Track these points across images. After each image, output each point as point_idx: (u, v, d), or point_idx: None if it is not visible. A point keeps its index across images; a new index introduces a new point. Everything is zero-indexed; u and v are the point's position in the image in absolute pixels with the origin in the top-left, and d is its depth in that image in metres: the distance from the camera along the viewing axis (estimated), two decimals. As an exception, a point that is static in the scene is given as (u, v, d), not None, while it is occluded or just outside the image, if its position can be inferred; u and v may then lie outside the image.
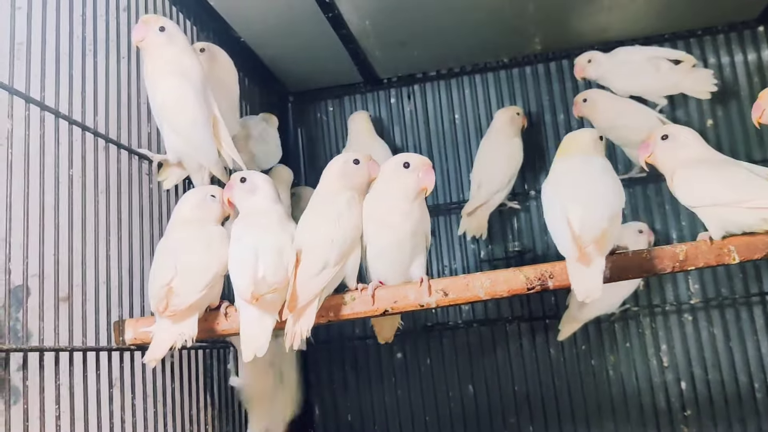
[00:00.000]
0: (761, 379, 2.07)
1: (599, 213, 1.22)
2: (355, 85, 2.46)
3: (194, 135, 1.52)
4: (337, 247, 1.33)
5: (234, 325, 1.37)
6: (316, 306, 1.29)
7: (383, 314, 1.34)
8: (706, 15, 2.19)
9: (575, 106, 2.15)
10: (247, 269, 1.29)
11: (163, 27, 1.48)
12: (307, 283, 1.28)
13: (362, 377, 2.29)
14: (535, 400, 2.17)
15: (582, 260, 1.18)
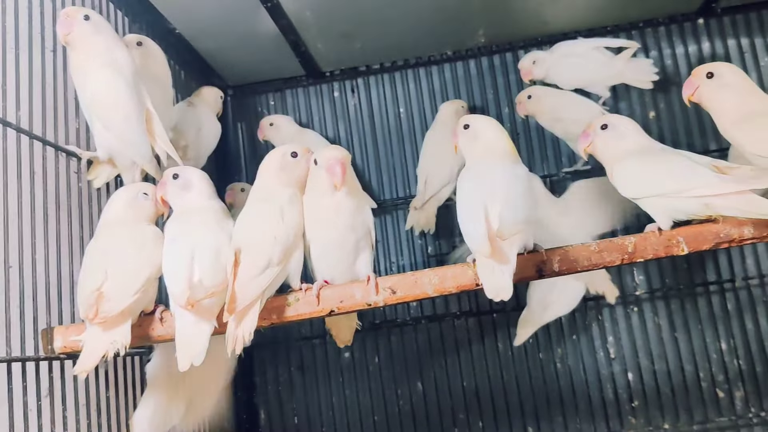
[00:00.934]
0: (706, 369, 2.10)
1: (519, 212, 1.21)
2: (297, 78, 2.39)
3: (127, 130, 1.44)
4: (279, 245, 1.27)
5: (170, 331, 1.30)
6: (257, 308, 1.23)
7: (329, 315, 1.29)
8: (648, 7, 2.20)
9: (519, 105, 2.14)
10: (182, 273, 1.23)
11: (88, 16, 1.40)
12: (248, 285, 1.22)
13: (309, 378, 2.24)
14: (485, 395, 2.15)
15: (494, 257, 1.16)
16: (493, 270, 1.17)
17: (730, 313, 2.13)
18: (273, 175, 1.39)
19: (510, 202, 1.22)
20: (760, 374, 2.08)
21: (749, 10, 2.24)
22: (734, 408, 2.08)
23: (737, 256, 2.15)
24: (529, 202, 1.26)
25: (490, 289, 1.16)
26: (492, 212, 1.20)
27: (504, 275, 1.16)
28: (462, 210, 1.28)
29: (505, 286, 1.15)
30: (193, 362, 1.19)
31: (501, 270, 1.16)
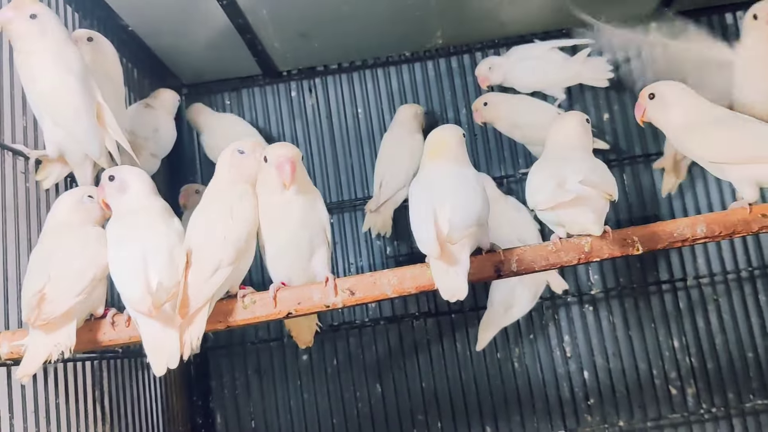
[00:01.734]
0: (659, 366, 2.14)
1: (469, 215, 1.21)
2: (254, 77, 2.36)
3: (77, 125, 1.40)
4: (230, 245, 1.25)
5: (122, 335, 1.27)
6: (207, 311, 1.20)
7: (286, 317, 1.27)
8: (602, 9, 2.22)
9: (476, 113, 2.15)
10: (137, 277, 1.19)
11: (35, 14, 1.36)
12: (200, 287, 1.19)
13: (266, 381, 2.21)
14: (443, 396, 2.15)
15: (444, 259, 1.16)
16: (447, 271, 1.17)
17: (682, 312, 2.17)
18: (224, 173, 1.38)
19: (459, 205, 1.21)
20: (711, 371, 2.13)
21: (701, 14, 2.29)
22: (686, 404, 2.12)
23: (689, 256, 2.20)
24: (479, 203, 1.25)
25: (445, 290, 1.16)
26: (441, 216, 1.19)
27: (458, 276, 1.16)
28: (412, 214, 1.28)
29: (459, 287, 1.15)
30: (169, 366, 1.17)
31: (454, 271, 1.16)
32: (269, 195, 1.33)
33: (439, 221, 1.18)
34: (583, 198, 1.21)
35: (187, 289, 1.18)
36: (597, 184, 1.24)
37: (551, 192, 1.25)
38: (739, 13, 2.30)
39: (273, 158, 1.29)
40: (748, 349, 2.14)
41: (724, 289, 2.18)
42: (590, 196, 1.22)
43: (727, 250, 2.19)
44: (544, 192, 1.28)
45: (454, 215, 1.18)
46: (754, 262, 2.18)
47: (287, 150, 1.30)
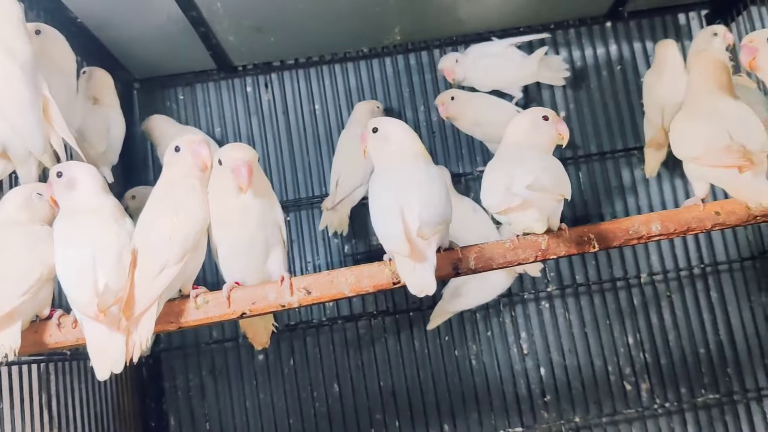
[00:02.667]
0: (614, 362, 2.16)
1: (438, 211, 1.20)
2: (208, 72, 2.30)
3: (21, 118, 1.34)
4: (176, 245, 1.21)
5: (69, 337, 1.22)
6: (155, 312, 1.17)
7: (241, 317, 1.24)
8: (558, 9, 2.25)
9: (442, 106, 2.13)
10: (85, 279, 1.15)
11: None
12: (146, 287, 1.15)
13: (221, 382, 2.17)
14: (401, 394, 2.14)
15: (413, 257, 1.15)
16: (414, 268, 1.16)
17: (636, 308, 2.20)
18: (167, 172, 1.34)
19: (429, 202, 1.21)
20: (665, 366, 2.16)
21: (654, 15, 2.33)
22: (641, 400, 2.15)
23: (642, 253, 2.23)
24: (446, 201, 1.25)
25: (413, 286, 1.15)
26: (409, 213, 1.18)
27: (426, 272, 1.15)
28: (377, 211, 1.26)
29: (428, 282, 1.14)
30: (113, 370, 1.14)
31: (422, 267, 1.15)
32: (225, 198, 1.29)
33: (408, 218, 1.17)
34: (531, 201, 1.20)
35: (132, 290, 1.14)
36: (547, 186, 1.24)
37: (501, 196, 1.24)
38: (692, 13, 2.34)
39: (229, 161, 1.26)
40: (700, 345, 2.18)
41: (677, 285, 2.22)
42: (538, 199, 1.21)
43: (679, 248, 2.23)
44: (494, 195, 1.27)
45: (425, 211, 1.18)
46: (706, 259, 2.22)
47: (244, 153, 1.26)
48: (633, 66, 2.32)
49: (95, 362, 1.15)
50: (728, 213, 1.31)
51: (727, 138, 1.29)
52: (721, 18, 2.24)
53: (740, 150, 1.25)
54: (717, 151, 1.29)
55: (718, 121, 1.34)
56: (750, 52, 1.42)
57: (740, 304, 2.20)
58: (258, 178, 1.29)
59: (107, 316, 1.13)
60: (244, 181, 1.22)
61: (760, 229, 2.23)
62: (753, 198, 1.27)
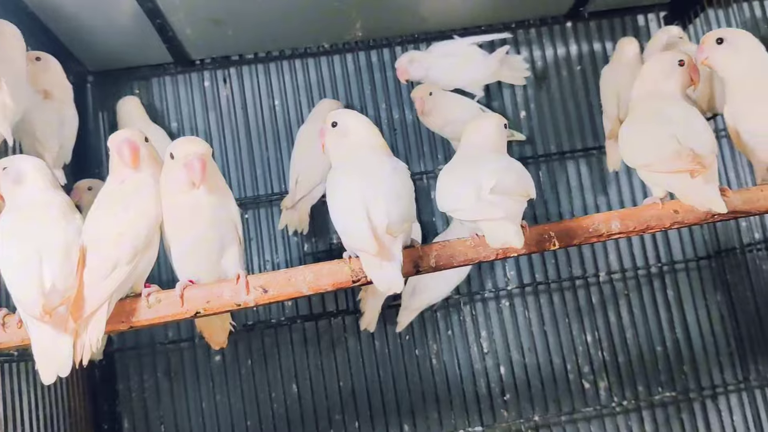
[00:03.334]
0: (573, 361, 2.17)
1: (405, 207, 1.19)
2: (165, 65, 2.25)
3: None
4: (127, 243, 1.17)
5: (14, 338, 1.17)
6: (105, 312, 1.12)
7: (195, 316, 1.20)
8: (520, 8, 2.25)
9: (419, 100, 2.09)
10: (30, 277, 1.10)
11: None
12: (96, 287, 1.11)
13: (177, 384, 2.11)
14: (361, 394, 2.12)
15: (381, 254, 1.13)
16: (381, 266, 1.14)
17: (595, 307, 2.21)
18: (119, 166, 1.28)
19: (397, 197, 1.19)
20: (622, 364, 2.18)
21: (614, 15, 2.35)
22: (599, 398, 2.16)
23: (601, 252, 2.24)
24: (412, 196, 1.24)
25: (381, 284, 1.13)
26: (375, 209, 1.16)
27: (393, 269, 1.13)
28: (339, 208, 1.23)
29: (395, 279, 1.13)
30: (59, 374, 1.10)
31: (389, 264, 1.13)
32: (176, 193, 1.25)
33: (374, 215, 1.15)
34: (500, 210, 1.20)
35: (81, 290, 1.10)
36: (511, 188, 1.23)
37: (473, 204, 1.22)
38: (650, 15, 2.36)
39: (180, 155, 1.22)
40: (657, 343, 2.20)
41: (635, 284, 2.24)
42: (509, 207, 1.20)
43: (637, 247, 2.25)
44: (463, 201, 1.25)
45: (393, 207, 1.16)
46: (663, 258, 2.25)
47: (196, 146, 1.22)
48: (593, 66, 2.33)
49: (40, 365, 1.10)
50: (687, 211, 1.32)
51: (676, 143, 1.28)
52: (679, 20, 2.27)
53: (690, 154, 1.25)
54: (667, 157, 1.28)
55: (665, 126, 1.34)
56: (703, 53, 1.44)
57: (696, 303, 2.24)
58: (212, 173, 1.25)
59: (54, 317, 1.08)
60: (196, 176, 1.19)
61: (715, 228, 2.27)
62: (704, 204, 1.27)
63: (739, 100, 1.40)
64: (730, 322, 2.23)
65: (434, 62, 2.16)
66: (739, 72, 1.40)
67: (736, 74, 1.40)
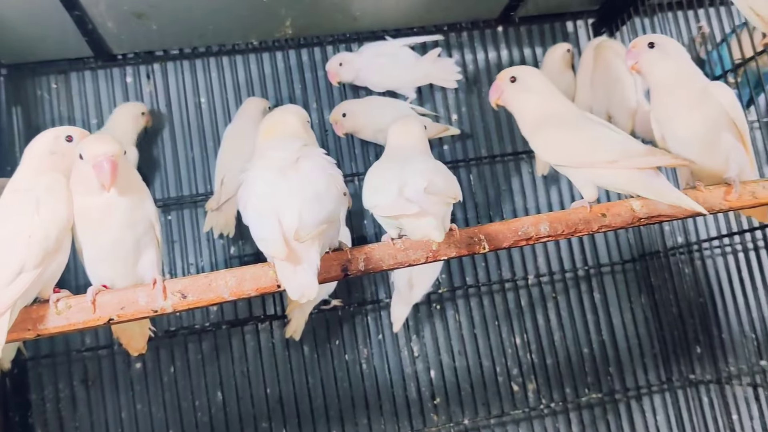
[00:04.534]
0: (502, 363, 2.18)
1: (321, 210, 1.14)
2: (85, 59, 2.14)
3: None
4: (36, 246, 1.09)
5: None
6: (7, 319, 1.04)
7: (108, 323, 1.13)
8: (452, 11, 2.25)
9: (336, 125, 2.09)
10: None
11: None
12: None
13: (94, 393, 2.01)
14: (289, 401, 2.07)
15: (290, 260, 1.08)
16: (295, 271, 1.09)
17: (524, 309, 2.23)
18: (37, 161, 1.21)
19: (313, 198, 1.14)
20: (550, 366, 2.20)
21: (544, 21, 2.38)
22: (527, 400, 2.17)
23: (530, 255, 2.26)
24: (332, 197, 1.19)
25: (293, 290, 1.08)
26: (287, 212, 1.11)
27: (307, 274, 1.08)
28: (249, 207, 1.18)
29: (309, 285, 1.07)
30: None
31: (303, 269, 1.08)
32: (86, 195, 1.18)
33: (285, 217, 1.10)
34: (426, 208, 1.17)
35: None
36: (441, 189, 1.21)
37: (393, 200, 1.20)
38: (579, 21, 2.40)
39: (90, 156, 1.14)
40: (584, 345, 2.23)
41: (563, 287, 2.26)
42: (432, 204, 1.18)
43: (565, 250, 2.28)
44: (385, 197, 1.23)
45: (306, 210, 1.11)
46: (590, 261, 2.28)
47: (107, 146, 1.14)
48: (523, 71, 2.35)
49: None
50: (614, 215, 1.33)
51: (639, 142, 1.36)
52: (606, 27, 2.31)
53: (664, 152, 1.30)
54: (638, 155, 1.32)
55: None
56: (633, 57, 1.46)
57: (621, 305, 2.28)
58: (125, 172, 1.18)
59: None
60: (106, 178, 1.12)
61: (640, 231, 2.31)
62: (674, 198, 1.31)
63: (666, 106, 1.43)
64: (654, 324, 2.28)
65: (365, 63, 2.14)
66: (667, 77, 1.42)
67: (664, 80, 1.43)
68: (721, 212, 1.41)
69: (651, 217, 1.35)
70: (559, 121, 1.42)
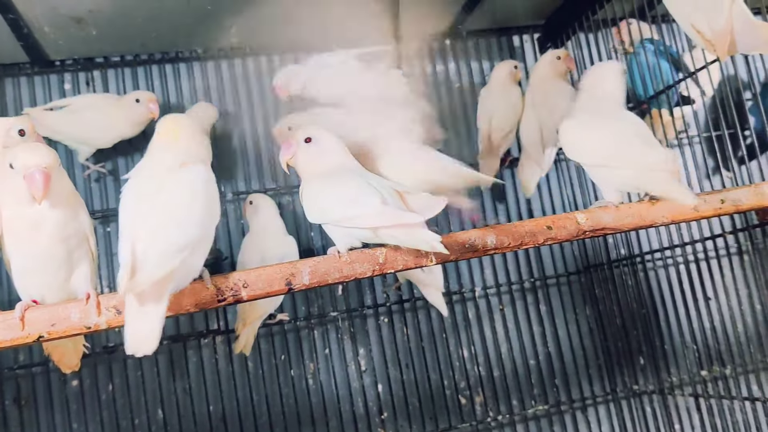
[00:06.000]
0: (449, 376, 2.17)
1: (170, 244, 1.06)
2: (20, 65, 2.06)
3: None
4: None
5: None
6: None
7: (37, 341, 1.08)
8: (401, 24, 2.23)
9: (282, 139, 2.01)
10: None
11: None
12: None
13: (28, 412, 1.92)
14: (233, 418, 2.01)
15: (134, 296, 1.02)
16: (141, 313, 1.02)
17: (471, 322, 2.22)
18: None
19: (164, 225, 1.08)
20: (497, 379, 2.20)
21: (491, 35, 2.40)
22: (475, 413, 2.17)
23: (477, 267, 2.26)
24: (195, 220, 1.12)
25: (130, 343, 1.01)
26: (139, 239, 1.05)
27: (152, 319, 1.01)
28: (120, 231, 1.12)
29: (150, 334, 1.01)
30: None
31: (147, 312, 1.02)
32: (16, 205, 1.12)
33: (138, 247, 1.04)
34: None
35: None
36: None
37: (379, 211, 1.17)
38: (525, 36, 2.43)
39: (21, 167, 1.08)
40: (531, 357, 2.24)
41: (509, 299, 2.27)
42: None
43: (512, 262, 2.29)
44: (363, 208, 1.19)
45: (155, 242, 1.05)
46: (536, 273, 2.30)
47: (39, 157, 1.08)
48: (470, 84, 2.36)
49: None
50: (559, 228, 1.34)
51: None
52: (552, 41, 2.34)
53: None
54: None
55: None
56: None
57: (567, 317, 2.30)
58: (58, 183, 1.12)
59: None
60: (38, 190, 1.06)
61: (585, 244, 2.34)
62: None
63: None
64: (599, 335, 2.31)
65: (312, 75, 2.11)
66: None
67: None
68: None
69: (596, 229, 1.36)
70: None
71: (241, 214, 2.07)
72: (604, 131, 1.46)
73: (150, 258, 1.01)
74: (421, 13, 2.18)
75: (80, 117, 1.95)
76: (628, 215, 1.39)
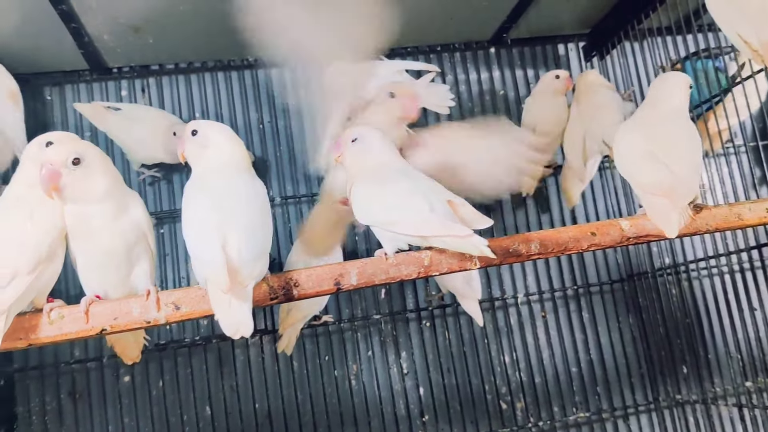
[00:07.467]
0: (491, 381, 2.19)
1: (258, 244, 1.15)
2: (80, 72, 2.15)
3: None
4: (29, 252, 1.09)
5: None
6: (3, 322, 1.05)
7: (100, 334, 1.14)
8: (445, 32, 2.27)
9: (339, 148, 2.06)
10: None
11: None
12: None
13: (82, 406, 2.00)
14: (278, 417, 2.06)
15: (233, 292, 1.09)
16: (230, 304, 1.09)
17: (513, 328, 2.24)
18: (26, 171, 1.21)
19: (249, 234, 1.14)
20: (539, 385, 2.21)
21: (536, 44, 2.41)
22: (515, 418, 2.18)
23: (519, 274, 2.27)
24: (267, 226, 1.20)
25: (227, 326, 1.08)
26: (231, 242, 1.12)
27: (243, 310, 1.09)
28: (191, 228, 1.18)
29: (244, 321, 1.08)
30: None
31: (239, 305, 1.09)
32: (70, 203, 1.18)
33: (229, 247, 1.11)
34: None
35: None
36: None
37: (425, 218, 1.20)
38: (570, 45, 2.44)
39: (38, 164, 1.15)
40: (572, 364, 2.24)
41: (552, 306, 2.28)
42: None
43: (554, 269, 2.30)
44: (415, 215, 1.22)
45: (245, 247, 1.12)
46: (579, 281, 2.30)
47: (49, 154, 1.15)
48: (515, 92, 2.38)
49: None
50: (603, 234, 1.35)
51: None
52: (597, 50, 2.35)
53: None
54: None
55: None
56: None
57: (609, 325, 2.30)
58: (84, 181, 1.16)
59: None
60: (44, 186, 1.12)
61: (629, 251, 2.34)
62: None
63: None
64: (641, 343, 2.30)
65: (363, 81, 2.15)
66: None
67: None
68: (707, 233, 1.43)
69: (639, 236, 1.37)
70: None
71: (287, 217, 2.12)
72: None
73: (245, 258, 1.10)
74: (467, 22, 2.21)
75: (128, 126, 2.03)
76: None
